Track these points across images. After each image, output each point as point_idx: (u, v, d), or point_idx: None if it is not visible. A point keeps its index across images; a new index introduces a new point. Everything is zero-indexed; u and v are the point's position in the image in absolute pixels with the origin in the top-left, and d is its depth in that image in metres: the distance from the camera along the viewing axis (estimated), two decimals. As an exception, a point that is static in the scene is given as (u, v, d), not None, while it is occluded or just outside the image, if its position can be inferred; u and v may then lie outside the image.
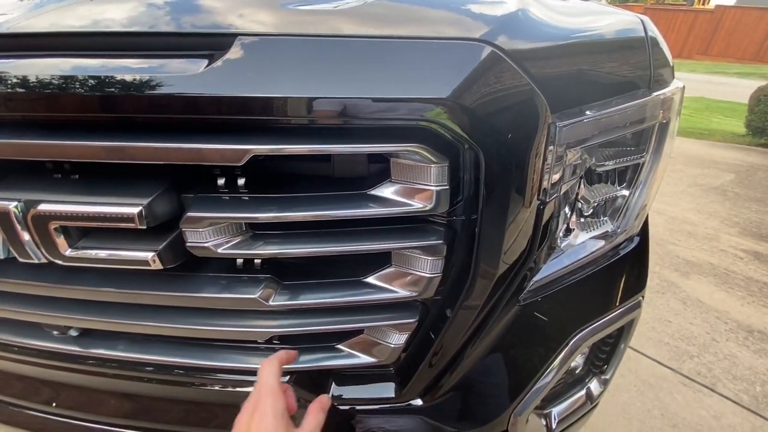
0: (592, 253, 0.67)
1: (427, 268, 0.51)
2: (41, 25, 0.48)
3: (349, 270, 0.55)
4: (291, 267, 0.55)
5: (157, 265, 0.47)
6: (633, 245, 0.72)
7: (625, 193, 0.69)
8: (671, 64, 0.62)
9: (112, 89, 0.41)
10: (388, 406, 0.65)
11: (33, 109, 0.45)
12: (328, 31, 0.42)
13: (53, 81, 0.43)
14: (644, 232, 0.74)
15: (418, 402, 0.65)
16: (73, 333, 0.62)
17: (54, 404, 0.71)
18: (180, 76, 0.40)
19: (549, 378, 0.64)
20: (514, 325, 0.63)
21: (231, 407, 0.66)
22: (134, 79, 0.41)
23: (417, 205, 0.45)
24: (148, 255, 0.47)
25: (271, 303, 0.51)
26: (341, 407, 0.65)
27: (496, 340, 0.63)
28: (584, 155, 0.56)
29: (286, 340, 0.61)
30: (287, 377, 0.62)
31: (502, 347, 0.64)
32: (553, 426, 0.75)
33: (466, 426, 0.65)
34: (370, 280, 0.53)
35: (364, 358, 0.59)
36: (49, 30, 0.47)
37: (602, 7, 0.70)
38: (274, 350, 0.61)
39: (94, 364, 0.65)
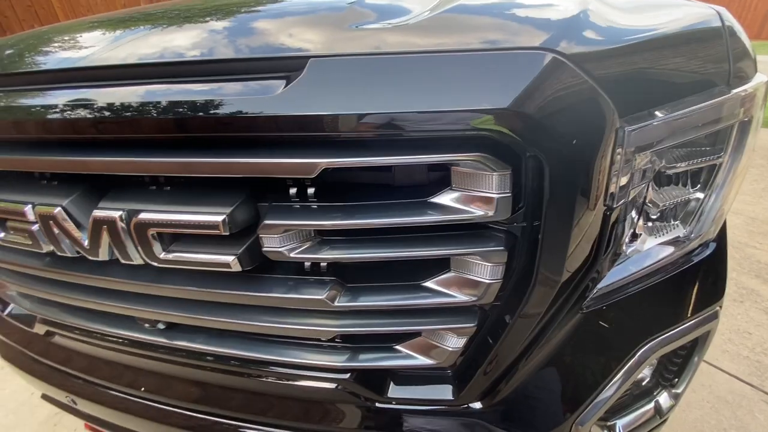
0: (662, 259, 0.64)
1: (487, 274, 0.51)
2: (137, 56, 0.55)
3: (409, 274, 0.56)
4: (354, 270, 0.58)
5: (237, 268, 0.52)
6: (709, 251, 0.68)
7: (700, 195, 0.65)
8: (753, 56, 0.57)
9: (201, 112, 0.46)
10: (445, 408, 0.66)
11: (134, 130, 0.51)
12: (393, 49, 0.44)
13: (149, 107, 0.49)
14: (722, 237, 0.69)
15: (477, 405, 0.66)
16: (161, 326, 0.69)
17: (142, 388, 0.80)
18: (261, 98, 0.44)
19: (613, 390, 0.62)
20: (576, 334, 0.62)
21: (291, 399, 0.71)
22: (221, 102, 0.46)
23: (478, 212, 0.46)
24: (229, 258, 0.52)
25: (336, 304, 0.55)
26: (399, 407, 0.67)
27: (558, 347, 0.62)
28: (654, 158, 0.53)
29: (347, 339, 0.64)
30: (348, 375, 0.65)
31: (563, 355, 0.63)
32: (618, 438, 0.72)
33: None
34: (430, 284, 0.55)
35: (422, 360, 0.61)
36: (138, 61, 0.54)
37: None
38: (336, 348, 0.65)
39: (176, 354, 0.72)
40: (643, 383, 0.77)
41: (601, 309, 0.61)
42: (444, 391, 0.65)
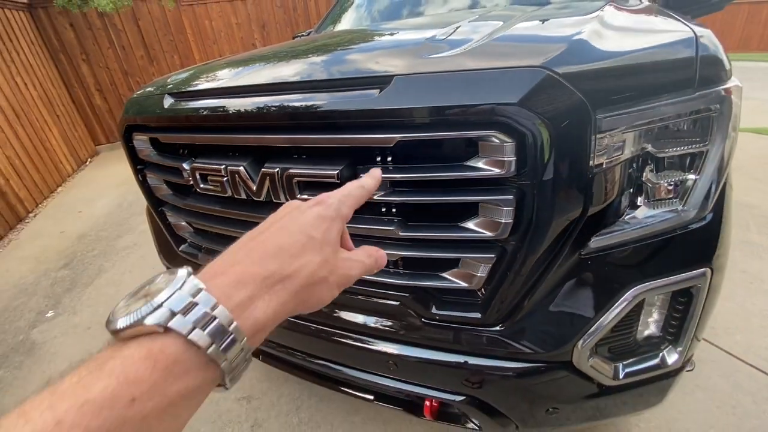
0: (656, 225, 0.82)
1: (502, 216, 0.76)
2: (288, 76, 0.92)
3: (449, 219, 0.83)
4: (412, 215, 0.87)
5: (341, 205, 0.84)
6: (703, 223, 0.83)
7: (692, 176, 0.82)
8: (727, 67, 0.75)
9: (326, 109, 0.80)
10: (473, 326, 0.90)
11: (286, 120, 0.86)
12: (446, 69, 0.74)
13: (295, 106, 0.84)
14: (718, 212, 0.84)
15: (498, 327, 0.89)
16: (286, 253, 1.05)
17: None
18: (365, 98, 0.76)
19: (609, 318, 0.81)
20: (576, 275, 0.83)
21: (370, 312, 1.00)
22: (339, 102, 0.79)
23: (495, 170, 0.72)
24: (338, 198, 0.84)
25: (400, 234, 0.84)
26: (441, 324, 0.93)
27: (561, 284, 0.84)
28: (632, 141, 0.74)
29: (407, 265, 0.92)
30: (408, 295, 0.93)
31: (566, 291, 0.84)
32: (620, 374, 0.89)
33: (535, 349, 0.86)
34: (465, 225, 0.81)
35: (458, 283, 0.86)
36: (289, 80, 0.90)
37: (664, 22, 0.85)
38: (399, 274, 0.93)
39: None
40: (650, 337, 0.92)
41: (599, 256, 0.82)
42: (473, 312, 0.89)
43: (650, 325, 0.90)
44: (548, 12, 1.27)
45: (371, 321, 1.00)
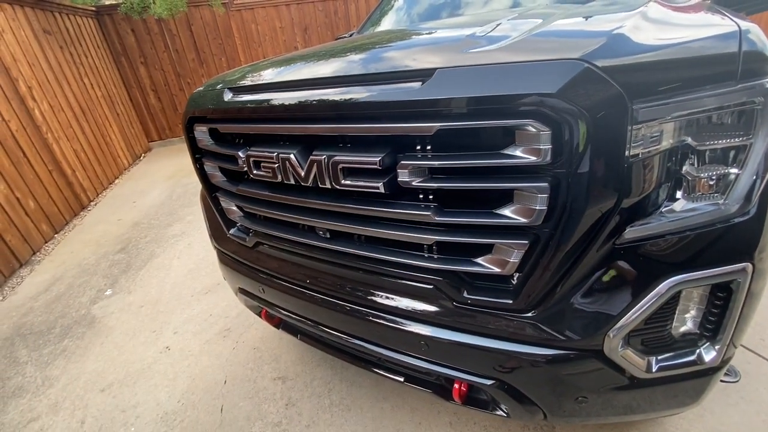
0: (695, 218, 0.82)
1: (537, 203, 0.79)
2: (337, 71, 0.99)
3: (485, 205, 0.87)
4: (448, 201, 0.92)
5: (381, 190, 0.91)
6: (745, 218, 0.82)
7: (734, 170, 0.81)
8: (773, 60, 0.74)
9: (373, 99, 0.86)
10: (506, 312, 0.93)
11: (333, 112, 0.94)
12: (487, 62, 0.78)
13: (344, 98, 0.91)
14: (762, 207, 0.82)
15: (530, 313, 0.92)
16: (327, 236, 1.13)
17: (307, 281, 1.24)
18: (408, 90, 0.82)
19: (642, 309, 0.82)
20: (612, 263, 0.84)
21: (405, 294, 1.05)
22: (385, 93, 0.85)
23: (532, 158, 0.75)
24: (379, 183, 0.90)
25: (436, 219, 0.89)
26: (473, 308, 0.97)
27: (595, 272, 0.85)
28: (671, 132, 0.75)
29: (441, 250, 0.97)
30: (441, 279, 0.97)
31: (600, 279, 0.85)
32: (653, 368, 0.89)
33: (566, 336, 0.88)
34: (500, 211, 0.85)
35: (491, 268, 0.90)
36: (336, 75, 0.98)
37: (708, 17, 0.85)
38: (434, 258, 0.98)
39: (334, 256, 1.14)
40: (684, 330, 0.91)
41: (635, 247, 0.83)
42: (505, 298, 0.92)
43: (687, 321, 0.90)
44: (589, 9, 1.28)
45: (405, 303, 1.06)
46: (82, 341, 2.31)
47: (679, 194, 0.84)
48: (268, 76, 1.22)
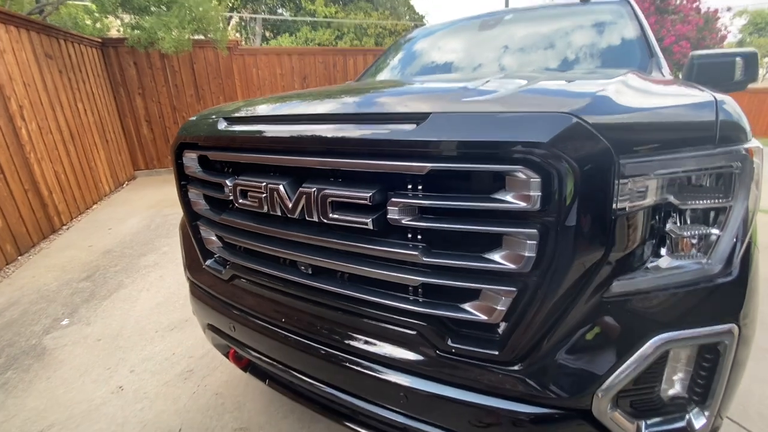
0: (680, 275, 0.82)
1: (526, 250, 0.78)
2: (333, 109, 1.01)
3: (472, 249, 0.86)
4: (437, 243, 0.90)
5: (370, 226, 0.89)
6: (729, 278, 0.83)
7: (716, 231, 0.83)
8: (747, 129, 0.79)
9: (367, 137, 0.87)
10: (490, 363, 0.89)
11: (324, 147, 0.94)
12: (482, 110, 0.81)
13: (336, 135, 0.92)
14: (744, 269, 0.83)
15: (516, 366, 0.87)
16: (309, 271, 1.08)
17: (282, 320, 1.17)
18: (402, 131, 0.83)
19: (632, 367, 0.79)
20: (598, 318, 0.82)
21: (385, 339, 1.00)
22: (379, 133, 0.86)
23: (520, 203, 0.76)
24: (368, 219, 0.89)
25: (423, 259, 0.86)
26: (457, 358, 0.92)
27: (581, 327, 0.83)
28: (655, 189, 0.77)
29: (427, 294, 0.93)
30: (425, 324, 0.93)
31: (587, 334, 0.83)
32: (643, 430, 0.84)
33: (553, 392, 0.83)
34: (489, 255, 0.83)
35: (477, 315, 0.87)
36: (333, 112, 0.99)
37: (686, 89, 0.92)
38: (419, 302, 0.94)
39: (312, 293, 1.09)
40: (675, 397, 0.88)
41: (621, 301, 0.81)
42: (490, 349, 0.88)
43: (676, 383, 0.87)
44: (571, 75, 1.38)
45: (385, 349, 1.00)
46: (27, 374, 2.10)
47: (663, 251, 0.85)
48: (266, 110, 1.24)
